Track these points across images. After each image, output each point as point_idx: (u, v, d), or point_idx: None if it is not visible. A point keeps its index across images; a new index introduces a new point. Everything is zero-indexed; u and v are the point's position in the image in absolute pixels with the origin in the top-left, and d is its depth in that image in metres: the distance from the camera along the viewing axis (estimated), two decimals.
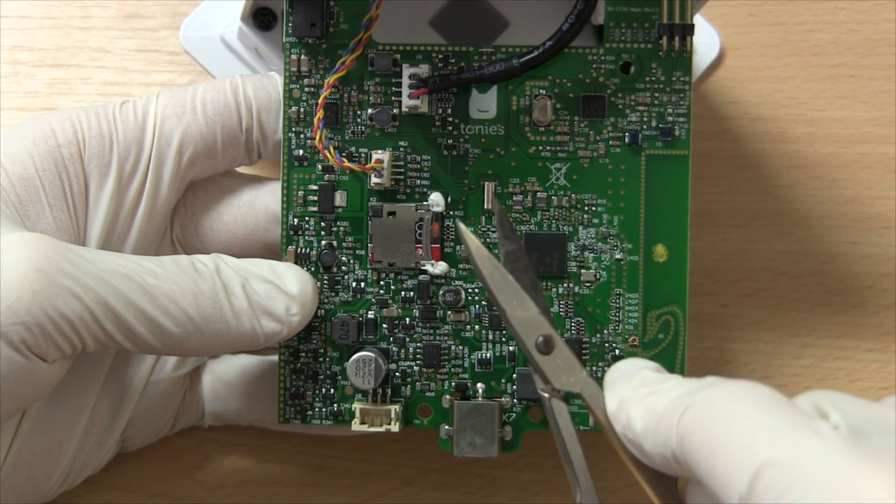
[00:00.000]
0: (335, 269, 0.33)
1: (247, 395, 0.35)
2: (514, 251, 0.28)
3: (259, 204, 0.34)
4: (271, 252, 0.33)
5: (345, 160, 0.32)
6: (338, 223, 0.33)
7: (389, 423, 0.32)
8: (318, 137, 0.32)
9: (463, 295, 0.33)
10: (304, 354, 0.33)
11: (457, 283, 0.33)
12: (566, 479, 0.37)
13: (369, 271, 0.33)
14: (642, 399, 0.26)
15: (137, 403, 0.34)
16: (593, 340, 0.33)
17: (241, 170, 0.35)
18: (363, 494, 0.37)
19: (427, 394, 0.33)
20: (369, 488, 0.37)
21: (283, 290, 0.31)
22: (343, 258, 0.33)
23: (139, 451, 0.36)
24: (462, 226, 0.28)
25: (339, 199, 0.33)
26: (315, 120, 0.32)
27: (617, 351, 0.33)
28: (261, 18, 0.35)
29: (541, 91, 0.33)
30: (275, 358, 0.34)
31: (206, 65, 0.38)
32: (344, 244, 0.33)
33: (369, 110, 0.33)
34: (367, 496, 0.37)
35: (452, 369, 0.33)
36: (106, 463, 0.35)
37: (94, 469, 0.35)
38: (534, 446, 0.37)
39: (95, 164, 0.32)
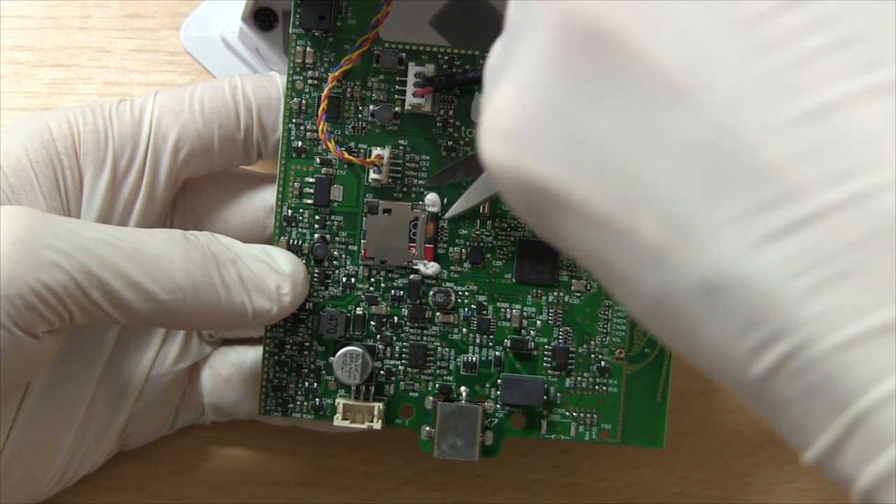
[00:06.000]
0: (326, 263, 0.33)
1: (245, 388, 0.35)
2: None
3: (258, 201, 0.34)
4: None
5: (345, 153, 0.32)
6: (332, 217, 0.33)
7: (372, 421, 0.32)
8: (320, 128, 0.32)
9: (453, 297, 0.33)
10: (289, 347, 0.33)
11: (448, 284, 0.33)
12: (566, 479, 0.37)
13: (361, 267, 0.33)
14: None
15: (137, 399, 0.34)
16: (580, 350, 0.33)
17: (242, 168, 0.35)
18: (363, 494, 0.37)
19: (411, 394, 0.33)
20: (369, 488, 0.37)
21: (274, 269, 0.31)
22: (335, 252, 0.33)
23: (139, 450, 0.35)
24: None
25: (336, 193, 0.33)
26: (319, 110, 0.32)
27: (602, 363, 0.33)
28: (262, 18, 0.35)
29: None
30: None
31: (207, 65, 0.38)
32: (337, 238, 0.33)
33: (371, 106, 0.33)
34: (367, 496, 0.37)
35: (438, 371, 0.33)
36: (105, 460, 0.34)
37: (92, 465, 0.34)
38: (535, 446, 0.37)
39: (90, 158, 0.32)
